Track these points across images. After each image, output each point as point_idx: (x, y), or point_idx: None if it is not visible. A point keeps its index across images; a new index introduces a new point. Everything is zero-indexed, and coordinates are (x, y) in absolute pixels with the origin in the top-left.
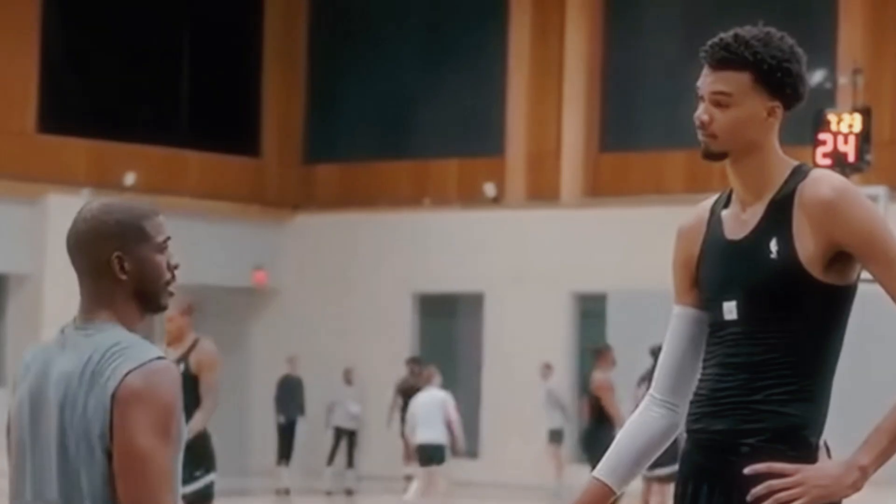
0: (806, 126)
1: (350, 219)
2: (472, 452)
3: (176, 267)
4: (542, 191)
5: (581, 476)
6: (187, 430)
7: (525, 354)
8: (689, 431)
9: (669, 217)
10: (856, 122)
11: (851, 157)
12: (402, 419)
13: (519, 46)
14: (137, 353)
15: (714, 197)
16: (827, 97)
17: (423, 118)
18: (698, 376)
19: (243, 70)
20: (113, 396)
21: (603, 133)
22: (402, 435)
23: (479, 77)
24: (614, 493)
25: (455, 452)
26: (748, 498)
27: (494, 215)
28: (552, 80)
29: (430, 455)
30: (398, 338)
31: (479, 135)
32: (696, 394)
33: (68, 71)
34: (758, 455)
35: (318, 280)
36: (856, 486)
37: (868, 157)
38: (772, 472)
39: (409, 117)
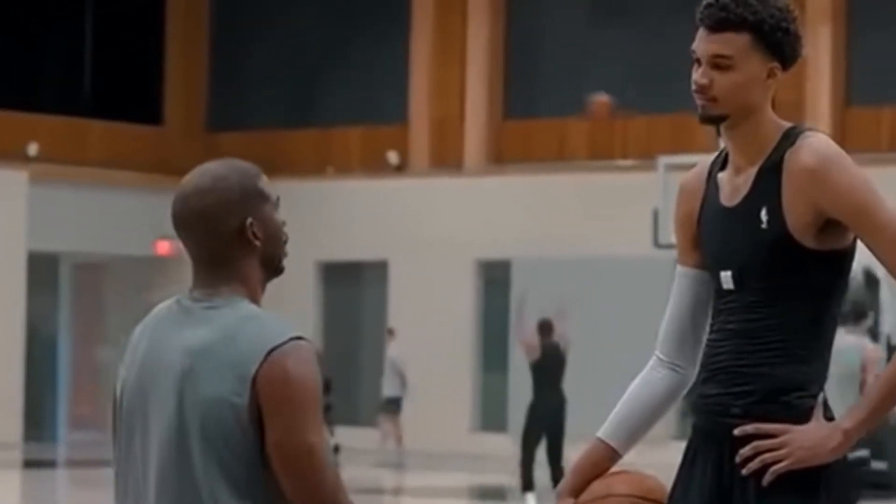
0: None
1: None
2: (375, 422)
3: (284, 224)
4: (446, 158)
5: (486, 445)
6: None
7: (429, 322)
8: (695, 397)
9: (572, 184)
10: None
11: None
12: None
13: (422, 14)
14: (276, 330)
15: (713, 155)
16: None
17: (326, 86)
18: (706, 337)
19: (146, 38)
20: (255, 377)
21: (506, 100)
22: None
23: (382, 45)
24: (618, 454)
25: None
26: (737, 458)
27: (398, 183)
28: (455, 47)
29: None
30: (302, 306)
31: (382, 103)
32: (701, 361)
33: None
34: (748, 417)
35: None
36: (838, 450)
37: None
38: (759, 432)
39: (312, 85)
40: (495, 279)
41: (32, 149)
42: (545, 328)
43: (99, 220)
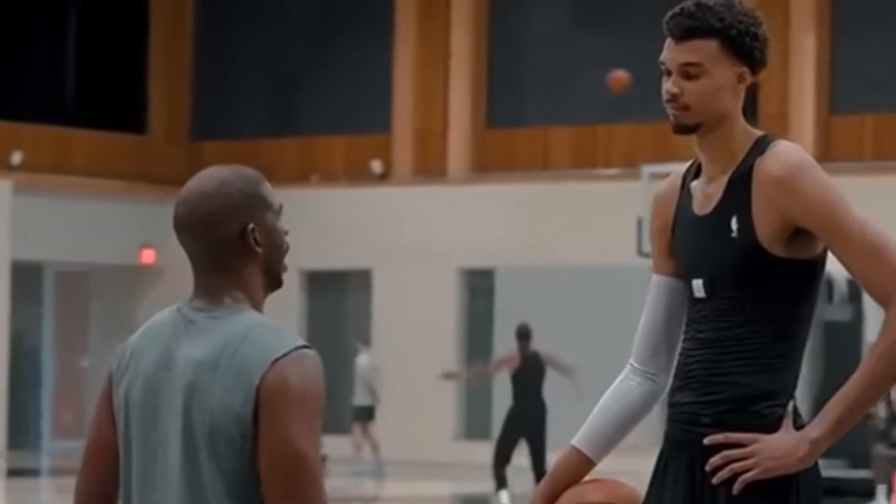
0: None
1: None
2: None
3: (286, 234)
4: (430, 167)
5: (470, 453)
6: None
7: (413, 330)
8: (667, 405)
9: (556, 192)
10: None
11: None
12: None
13: (405, 23)
14: (281, 340)
15: (687, 164)
16: None
17: (309, 95)
18: (680, 345)
19: (130, 47)
20: (259, 386)
21: (489, 109)
22: None
23: (366, 54)
24: (592, 462)
25: None
26: (707, 467)
27: (381, 192)
28: (438, 56)
29: None
30: (286, 315)
31: (365, 112)
32: (675, 369)
33: None
34: (718, 426)
35: None
36: (806, 459)
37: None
38: (729, 441)
39: (295, 94)
40: (479, 288)
41: (16, 157)
42: (523, 334)
43: (83, 228)
